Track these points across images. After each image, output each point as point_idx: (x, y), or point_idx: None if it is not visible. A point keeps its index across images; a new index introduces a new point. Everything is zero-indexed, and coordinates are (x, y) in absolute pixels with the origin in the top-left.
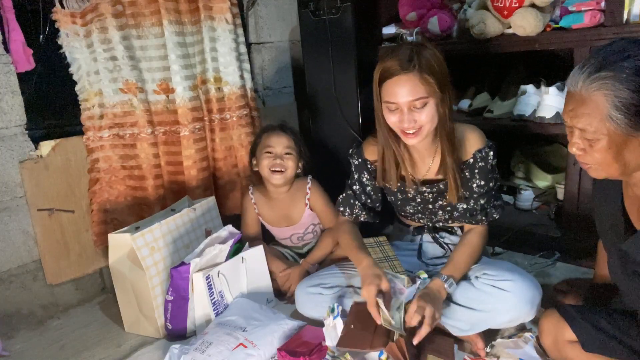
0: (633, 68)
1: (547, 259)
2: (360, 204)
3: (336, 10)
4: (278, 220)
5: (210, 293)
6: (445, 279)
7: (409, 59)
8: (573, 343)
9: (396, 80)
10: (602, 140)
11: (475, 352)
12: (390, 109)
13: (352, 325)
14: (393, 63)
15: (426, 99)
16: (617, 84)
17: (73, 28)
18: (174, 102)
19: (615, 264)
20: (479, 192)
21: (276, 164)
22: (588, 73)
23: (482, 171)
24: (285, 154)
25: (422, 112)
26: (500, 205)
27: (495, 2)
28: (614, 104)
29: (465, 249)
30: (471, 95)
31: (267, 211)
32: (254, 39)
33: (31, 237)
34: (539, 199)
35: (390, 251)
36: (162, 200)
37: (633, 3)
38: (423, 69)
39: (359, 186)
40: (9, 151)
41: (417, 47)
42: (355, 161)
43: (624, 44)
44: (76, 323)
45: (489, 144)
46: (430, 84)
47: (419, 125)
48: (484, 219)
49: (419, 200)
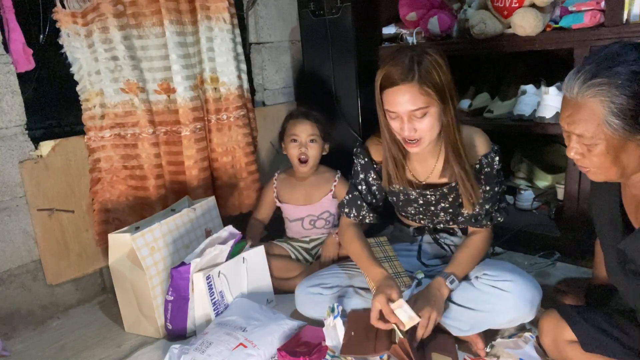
0: (627, 73)
1: (547, 259)
2: (367, 205)
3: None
4: (297, 199)
5: (211, 293)
6: (446, 275)
7: (409, 69)
8: (573, 343)
9: (396, 90)
10: (600, 145)
11: (475, 352)
12: (391, 117)
13: (352, 332)
14: (393, 72)
15: (426, 109)
16: (612, 89)
17: (74, 28)
18: (175, 102)
19: (613, 264)
20: (485, 198)
21: (302, 153)
22: (583, 79)
23: (488, 176)
24: (310, 141)
25: (423, 122)
26: (504, 207)
27: (495, 2)
28: (611, 109)
29: (469, 250)
30: (471, 95)
31: (289, 190)
32: (254, 39)
33: (31, 237)
34: (539, 199)
35: (390, 251)
36: (163, 200)
37: (633, 3)
38: (423, 79)
39: (365, 186)
40: (8, 151)
41: (419, 55)
42: (362, 161)
43: (617, 49)
44: (76, 323)
45: (494, 148)
46: (430, 94)
47: (419, 135)
48: (489, 223)
49: (421, 202)
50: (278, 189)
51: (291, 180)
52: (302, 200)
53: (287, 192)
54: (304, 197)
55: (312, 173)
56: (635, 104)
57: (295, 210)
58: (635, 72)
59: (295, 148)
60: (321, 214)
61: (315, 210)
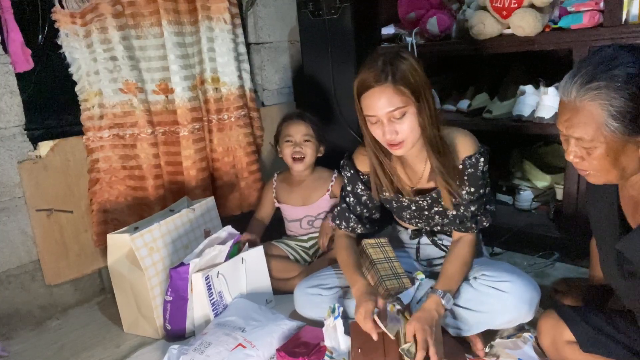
0: (624, 76)
1: (546, 259)
2: (355, 217)
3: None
4: (295, 199)
5: (210, 293)
6: (441, 294)
7: (382, 70)
8: (571, 344)
9: (371, 93)
10: (599, 147)
11: (474, 353)
12: (371, 122)
13: (359, 350)
14: (367, 76)
15: (404, 109)
16: (611, 92)
17: (73, 28)
18: (173, 102)
19: (610, 264)
20: (469, 199)
21: (296, 152)
22: (580, 83)
23: (471, 178)
24: (304, 141)
25: (403, 123)
26: (491, 211)
27: (494, 3)
28: (610, 112)
29: (457, 261)
30: (470, 95)
31: (287, 191)
32: (253, 39)
33: (30, 238)
34: (538, 199)
35: (390, 252)
36: (162, 200)
37: (632, 3)
38: (397, 80)
39: (354, 198)
40: (7, 151)
41: (392, 58)
42: (348, 173)
43: (612, 52)
44: (75, 323)
45: (480, 150)
46: (405, 93)
47: (401, 138)
48: (474, 227)
49: (414, 208)
50: (277, 190)
51: (289, 181)
52: (300, 201)
53: (285, 193)
54: (301, 198)
55: (309, 174)
56: (634, 105)
57: (293, 210)
58: (632, 75)
59: (289, 147)
60: (319, 215)
61: (312, 211)
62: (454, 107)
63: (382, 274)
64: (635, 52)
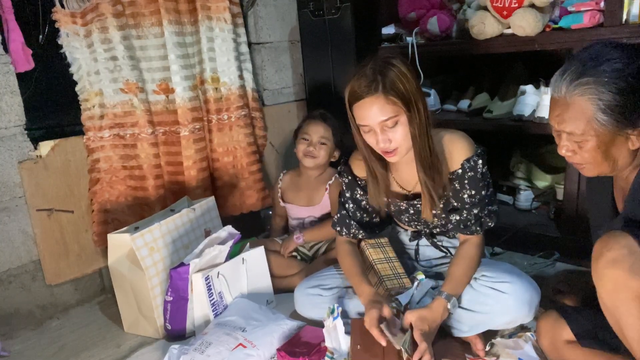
0: (612, 71)
1: (547, 259)
2: (355, 223)
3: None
4: (300, 199)
5: (210, 294)
6: (449, 298)
7: (372, 80)
8: (571, 343)
9: (363, 104)
10: (590, 141)
11: (475, 353)
12: (364, 130)
13: (358, 346)
14: (357, 86)
15: (396, 118)
16: (599, 87)
17: (73, 28)
18: (174, 102)
19: None
20: (471, 202)
21: (308, 151)
22: (570, 79)
23: (472, 181)
24: (320, 143)
25: (396, 131)
26: (494, 211)
27: (494, 3)
28: (599, 107)
29: (463, 263)
30: (471, 95)
31: (293, 190)
32: (253, 39)
33: (30, 238)
34: (539, 199)
35: (391, 252)
36: (162, 200)
37: (632, 3)
38: (387, 89)
39: (353, 204)
40: (8, 151)
41: (381, 67)
42: (346, 179)
43: (599, 49)
44: (75, 323)
45: (478, 152)
46: (396, 103)
47: (394, 145)
48: (479, 229)
49: (412, 212)
50: (282, 189)
51: (295, 180)
52: (304, 201)
53: (291, 192)
54: (306, 198)
55: (318, 175)
56: (622, 99)
57: (298, 210)
58: (619, 70)
59: (303, 144)
60: (322, 216)
61: (316, 211)
62: (455, 107)
63: (382, 274)
64: (622, 48)
